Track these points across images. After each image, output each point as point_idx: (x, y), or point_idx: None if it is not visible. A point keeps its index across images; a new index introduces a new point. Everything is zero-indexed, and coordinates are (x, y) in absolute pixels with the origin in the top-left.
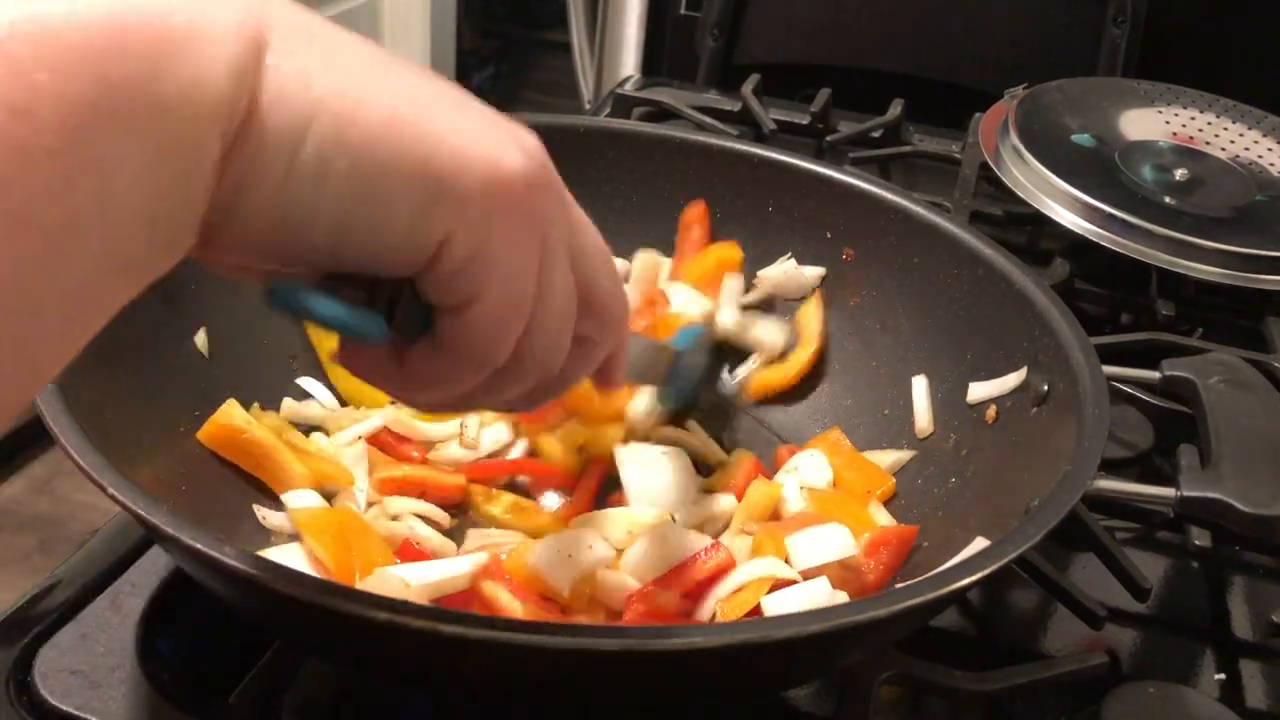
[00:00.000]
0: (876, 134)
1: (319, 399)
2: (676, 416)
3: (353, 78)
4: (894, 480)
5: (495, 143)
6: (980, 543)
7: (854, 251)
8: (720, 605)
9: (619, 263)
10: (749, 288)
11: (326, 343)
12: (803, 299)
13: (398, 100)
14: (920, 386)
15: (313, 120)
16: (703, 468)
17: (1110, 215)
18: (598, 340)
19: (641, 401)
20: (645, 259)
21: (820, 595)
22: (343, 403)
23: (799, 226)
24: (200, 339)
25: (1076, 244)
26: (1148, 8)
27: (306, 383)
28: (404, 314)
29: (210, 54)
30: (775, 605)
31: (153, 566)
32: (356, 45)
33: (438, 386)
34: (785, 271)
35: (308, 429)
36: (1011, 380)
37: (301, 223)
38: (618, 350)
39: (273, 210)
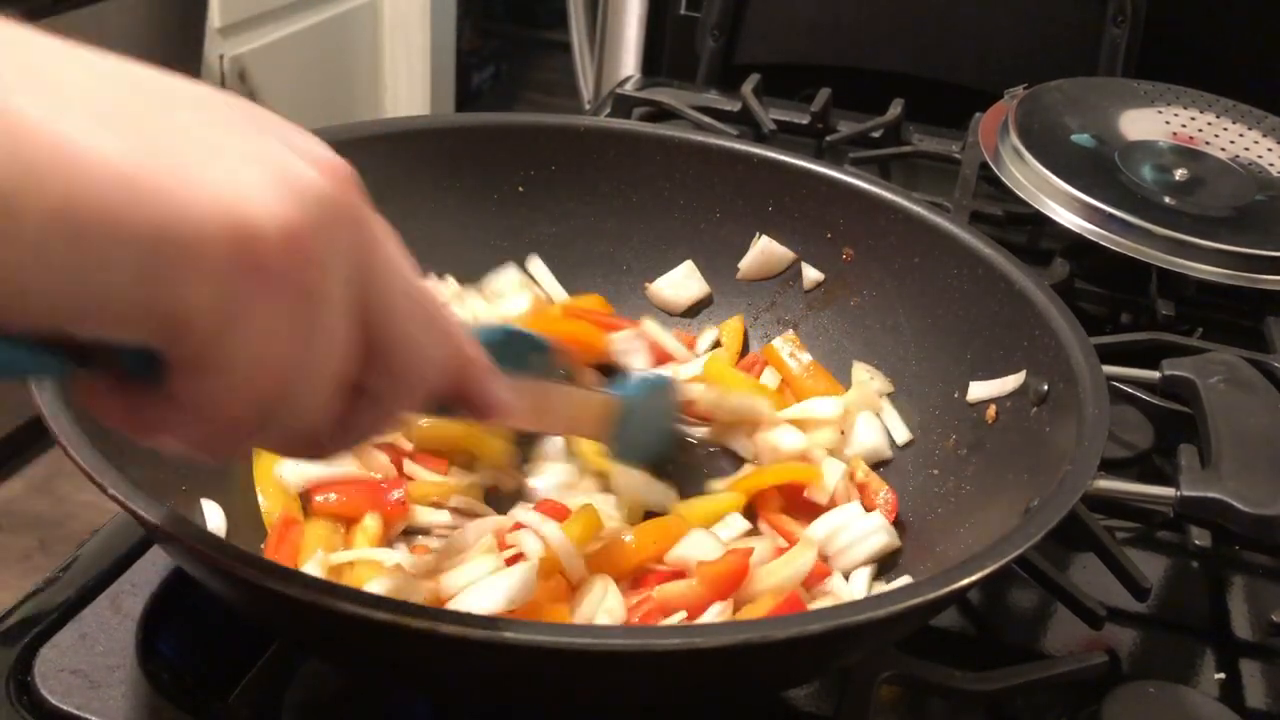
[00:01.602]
0: (876, 134)
1: None
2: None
3: (64, 114)
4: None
5: (249, 187)
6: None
7: (854, 251)
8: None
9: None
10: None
11: None
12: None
13: (124, 139)
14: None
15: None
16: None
17: (1110, 215)
18: (386, 394)
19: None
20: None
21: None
22: None
23: (799, 226)
24: None
25: (1076, 244)
26: (1148, 8)
27: None
28: (111, 356)
29: None
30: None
31: (153, 566)
32: (76, 64)
33: (169, 433)
34: (762, 250)
35: None
36: (1010, 383)
37: None
38: (471, 390)
39: None
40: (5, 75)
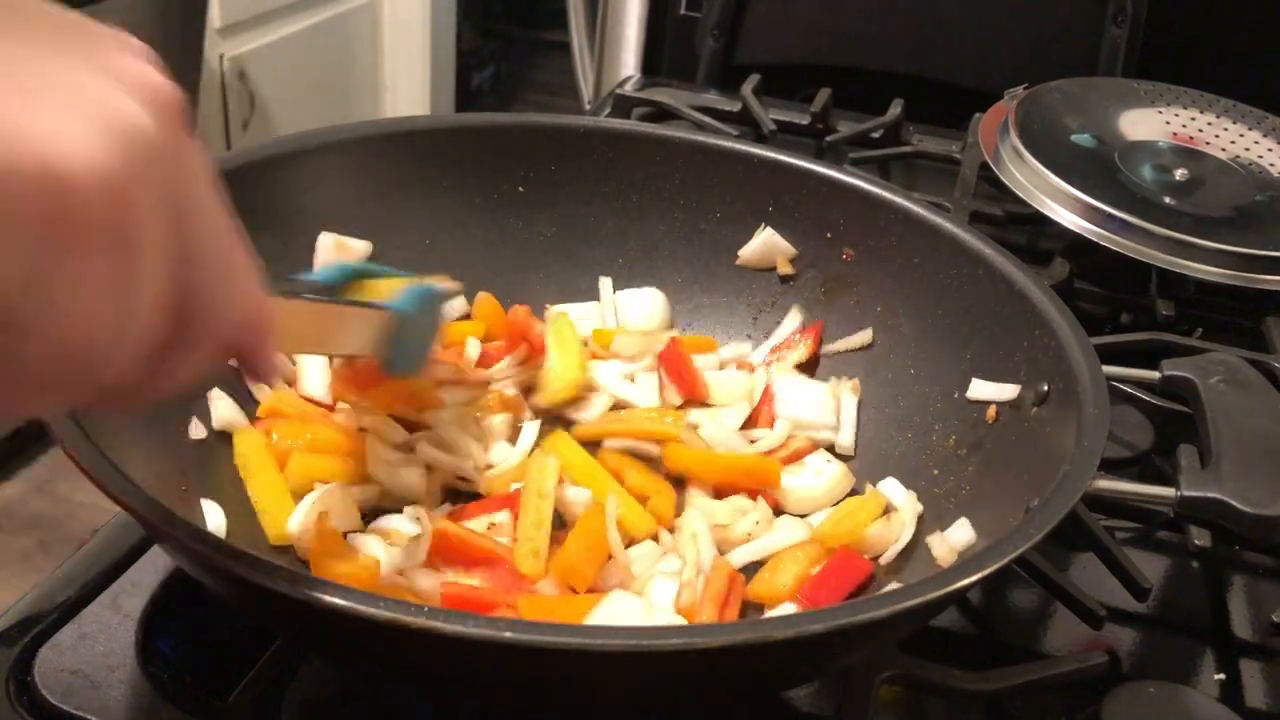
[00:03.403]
0: (876, 134)
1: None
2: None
3: None
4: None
5: (69, 138)
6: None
7: (854, 251)
8: None
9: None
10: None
11: None
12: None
13: None
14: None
15: None
16: None
17: (1110, 215)
18: (190, 344)
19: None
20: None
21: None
22: None
23: (799, 226)
24: None
25: (1076, 244)
26: (1148, 8)
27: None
28: None
29: None
30: None
31: (153, 566)
32: None
33: None
34: (765, 241)
35: None
36: (1008, 391)
37: None
38: (253, 351)
39: None
40: None
